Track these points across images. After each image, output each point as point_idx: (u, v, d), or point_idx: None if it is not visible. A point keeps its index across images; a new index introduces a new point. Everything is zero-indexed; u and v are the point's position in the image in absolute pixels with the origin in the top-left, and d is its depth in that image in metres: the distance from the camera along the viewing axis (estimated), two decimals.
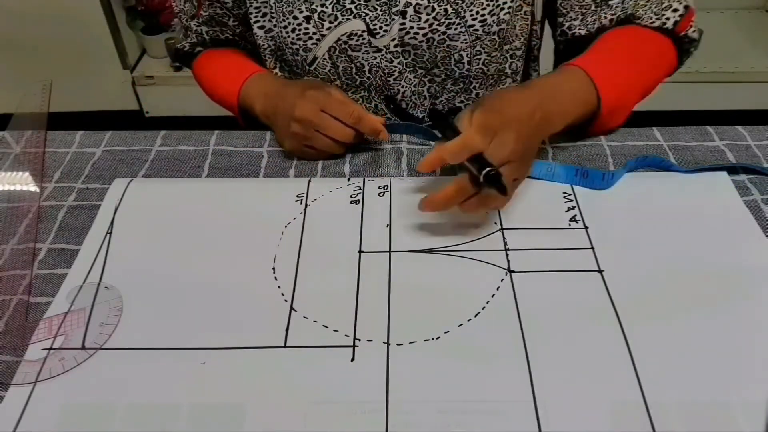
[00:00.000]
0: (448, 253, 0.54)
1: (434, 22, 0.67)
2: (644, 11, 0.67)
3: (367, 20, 0.67)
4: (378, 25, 0.67)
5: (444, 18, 0.67)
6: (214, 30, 0.78)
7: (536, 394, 0.43)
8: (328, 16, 0.67)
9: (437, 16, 0.66)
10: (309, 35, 0.69)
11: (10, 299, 0.51)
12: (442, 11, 0.66)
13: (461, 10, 0.66)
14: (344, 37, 0.68)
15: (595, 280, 0.51)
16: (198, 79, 0.81)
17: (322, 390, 0.44)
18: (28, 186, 0.63)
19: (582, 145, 0.66)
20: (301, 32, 0.69)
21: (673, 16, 0.67)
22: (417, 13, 0.66)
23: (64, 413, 0.43)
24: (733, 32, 1.89)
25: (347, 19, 0.67)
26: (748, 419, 0.41)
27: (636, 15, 0.67)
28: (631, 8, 0.67)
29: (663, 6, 0.67)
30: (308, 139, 0.63)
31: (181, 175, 0.64)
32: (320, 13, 0.67)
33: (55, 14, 1.71)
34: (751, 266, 0.52)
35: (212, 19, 0.76)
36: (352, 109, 0.62)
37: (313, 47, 0.70)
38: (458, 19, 0.67)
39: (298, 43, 0.69)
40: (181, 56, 0.83)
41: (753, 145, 0.66)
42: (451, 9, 0.66)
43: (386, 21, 0.67)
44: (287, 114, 0.63)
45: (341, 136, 0.63)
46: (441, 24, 0.67)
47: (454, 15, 0.67)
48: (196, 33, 0.79)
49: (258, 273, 0.53)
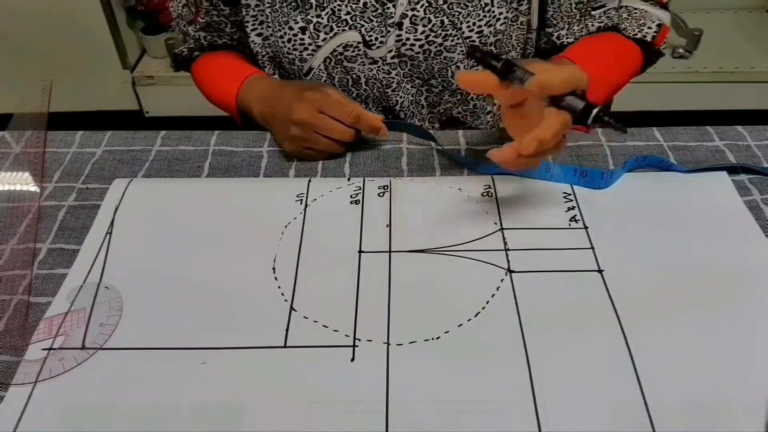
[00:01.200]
0: (448, 253, 0.54)
1: (431, 33, 0.67)
2: (627, 24, 0.73)
3: (362, 32, 0.67)
4: (374, 36, 0.67)
5: (440, 29, 0.67)
6: (212, 36, 0.78)
7: (536, 394, 0.43)
8: (324, 27, 0.67)
9: (433, 27, 0.67)
10: (305, 46, 0.69)
11: (10, 299, 0.51)
12: (438, 23, 0.66)
13: (458, 22, 0.67)
14: (340, 48, 0.68)
15: (595, 280, 0.51)
16: (197, 82, 0.81)
17: (322, 390, 0.44)
18: (28, 186, 0.63)
19: (582, 146, 0.66)
20: (296, 43, 0.69)
21: (650, 31, 0.73)
22: (413, 25, 0.66)
23: (64, 413, 0.43)
24: (733, 32, 1.89)
25: (343, 31, 0.67)
26: (748, 419, 0.41)
27: (619, 26, 0.73)
28: (615, 19, 0.72)
29: (641, 22, 0.72)
30: (307, 141, 0.63)
31: (181, 175, 0.64)
32: (316, 24, 0.67)
33: (55, 14, 1.71)
34: (751, 266, 0.52)
35: (209, 25, 0.76)
36: (350, 108, 0.62)
37: (309, 58, 0.70)
38: (455, 30, 0.67)
39: (294, 53, 0.70)
40: (179, 61, 0.83)
41: (753, 145, 0.66)
42: (448, 20, 0.66)
43: (382, 32, 0.67)
44: (285, 117, 0.63)
45: (341, 136, 0.63)
46: (437, 35, 0.67)
47: (450, 26, 0.67)
48: (194, 38, 0.78)
49: (258, 273, 0.53)
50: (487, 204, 0.59)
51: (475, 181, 0.61)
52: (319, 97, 0.62)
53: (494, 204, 0.58)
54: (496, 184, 0.60)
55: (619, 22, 0.72)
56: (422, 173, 0.63)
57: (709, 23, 1.84)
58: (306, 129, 0.62)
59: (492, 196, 0.59)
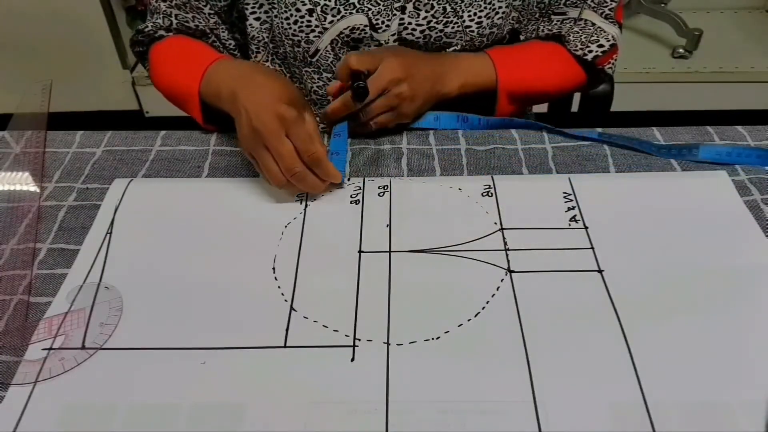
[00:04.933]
0: (448, 253, 0.54)
1: (432, 19, 0.67)
2: (574, 37, 0.73)
3: (369, 15, 0.67)
4: (380, 19, 0.67)
5: (442, 16, 0.67)
6: (186, 15, 0.72)
7: (536, 394, 0.43)
8: (331, 10, 0.67)
9: (436, 14, 0.67)
10: (311, 28, 0.69)
11: (10, 299, 0.51)
12: (441, 9, 0.67)
13: (460, 10, 0.67)
14: (347, 30, 0.68)
15: (595, 280, 0.51)
16: (153, 64, 0.74)
17: (322, 390, 0.44)
18: (28, 186, 0.63)
19: (582, 145, 0.66)
20: (303, 24, 0.69)
21: (596, 50, 0.73)
22: (416, 10, 0.67)
23: (64, 413, 0.43)
24: (733, 32, 1.89)
25: (350, 13, 0.67)
26: (748, 419, 0.41)
27: (566, 38, 0.73)
28: (565, 29, 0.73)
29: (591, 39, 0.73)
30: (254, 150, 0.57)
31: (181, 175, 0.64)
32: (323, 7, 0.67)
33: (55, 14, 1.71)
34: (751, 266, 0.52)
35: (188, 2, 0.71)
36: (315, 148, 0.56)
37: (315, 40, 0.70)
38: (456, 18, 0.67)
39: (300, 35, 0.69)
40: (137, 41, 0.76)
41: (753, 145, 0.66)
42: (450, 8, 0.67)
43: (388, 16, 0.67)
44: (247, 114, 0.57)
45: (284, 166, 0.56)
46: (439, 22, 0.68)
47: (452, 14, 0.67)
48: (165, 14, 0.72)
49: (258, 273, 0.53)
50: (487, 204, 0.59)
51: (475, 181, 0.61)
52: (293, 117, 0.56)
53: (494, 204, 0.58)
54: (496, 184, 0.60)
55: (567, 34, 0.73)
56: (422, 173, 0.63)
57: (709, 23, 1.84)
58: (258, 139, 0.56)
59: (492, 196, 0.59)
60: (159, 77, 0.73)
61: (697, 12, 1.95)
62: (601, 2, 0.72)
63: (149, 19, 0.75)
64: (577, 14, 0.72)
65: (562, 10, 0.73)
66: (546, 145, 0.66)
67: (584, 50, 0.73)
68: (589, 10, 0.72)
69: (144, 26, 0.74)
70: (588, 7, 0.72)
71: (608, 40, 0.73)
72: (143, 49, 0.77)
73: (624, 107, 1.40)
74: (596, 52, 0.72)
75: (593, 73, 0.76)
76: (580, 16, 0.73)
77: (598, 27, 0.73)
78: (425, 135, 0.68)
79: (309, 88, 0.76)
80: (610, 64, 0.75)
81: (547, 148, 0.66)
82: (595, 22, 0.73)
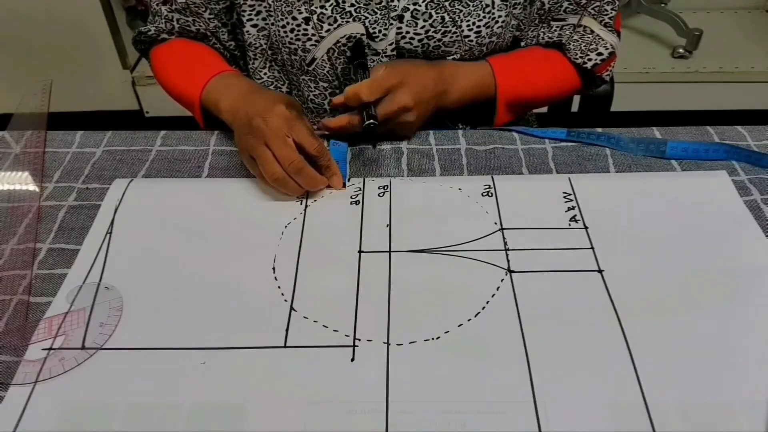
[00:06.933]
0: (448, 253, 0.54)
1: (430, 29, 0.67)
2: (574, 46, 0.73)
3: (366, 24, 0.67)
4: (377, 29, 0.67)
5: (440, 26, 0.67)
6: (187, 20, 0.73)
7: (536, 394, 0.43)
8: (328, 18, 0.67)
9: (434, 23, 0.67)
10: (308, 36, 0.68)
11: (10, 299, 0.51)
12: (439, 19, 0.67)
13: (458, 20, 0.67)
14: (343, 39, 0.68)
15: (595, 280, 0.51)
16: (156, 66, 0.76)
17: (322, 390, 0.44)
18: (28, 186, 0.63)
19: (582, 145, 0.66)
20: (299, 33, 0.68)
21: (596, 58, 0.73)
22: (414, 19, 0.66)
23: (64, 413, 0.43)
24: (733, 32, 1.89)
25: (346, 22, 0.67)
26: (748, 419, 0.41)
27: (566, 47, 0.73)
28: (565, 38, 0.73)
29: (591, 47, 0.73)
30: (254, 149, 0.58)
31: (181, 175, 0.64)
32: (319, 15, 0.67)
33: (55, 14, 1.71)
34: (751, 266, 0.52)
35: (188, 8, 0.72)
36: (318, 141, 0.58)
37: (312, 48, 0.69)
38: (454, 27, 0.67)
39: (296, 43, 0.69)
40: (140, 41, 0.77)
41: (753, 145, 0.66)
42: (448, 17, 0.67)
43: (385, 25, 0.67)
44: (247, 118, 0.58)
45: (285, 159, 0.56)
46: (437, 31, 0.68)
47: (450, 24, 0.67)
48: (166, 19, 0.74)
49: (258, 273, 0.53)
50: (487, 204, 0.59)
51: (475, 181, 0.61)
52: (294, 116, 0.58)
53: (494, 204, 0.58)
54: (496, 184, 0.60)
55: (567, 43, 0.73)
56: (422, 173, 0.63)
57: (709, 23, 1.84)
58: (258, 137, 0.57)
59: (492, 196, 0.59)
60: (163, 79, 0.76)
61: (697, 12, 1.96)
62: (601, 10, 0.72)
63: (150, 21, 0.76)
64: (577, 21, 0.73)
65: (562, 16, 0.73)
66: (546, 145, 0.66)
67: (584, 59, 0.73)
68: (588, 17, 0.73)
69: (146, 29, 0.76)
70: (588, 14, 0.72)
71: (607, 48, 0.73)
72: (145, 47, 0.79)
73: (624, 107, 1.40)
74: (595, 60, 0.73)
75: (590, 79, 0.77)
76: (580, 22, 0.73)
77: (597, 35, 0.73)
78: (425, 135, 0.68)
79: (306, 96, 0.75)
80: (607, 71, 0.76)
81: (547, 148, 0.66)
82: (594, 30, 0.73)
